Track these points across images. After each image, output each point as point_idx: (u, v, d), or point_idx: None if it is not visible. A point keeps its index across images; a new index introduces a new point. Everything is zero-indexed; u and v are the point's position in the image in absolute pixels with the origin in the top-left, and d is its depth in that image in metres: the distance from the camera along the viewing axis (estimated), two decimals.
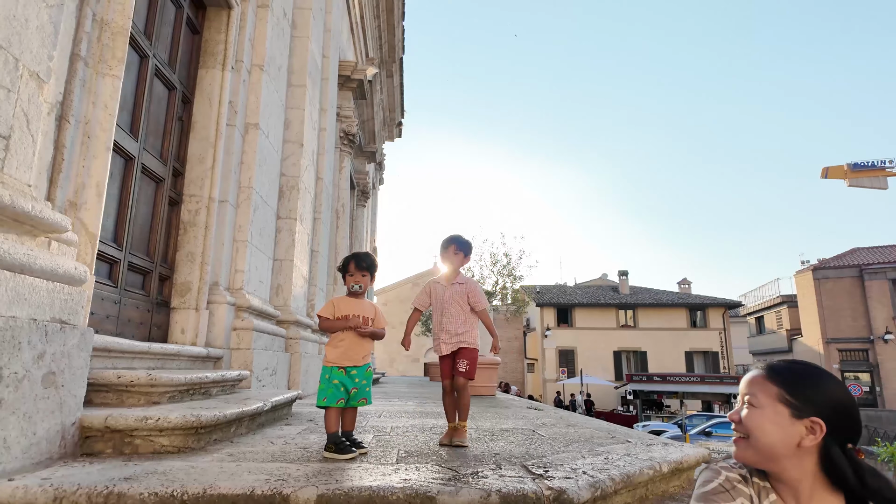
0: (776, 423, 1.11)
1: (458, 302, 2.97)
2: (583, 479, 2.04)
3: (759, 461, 1.14)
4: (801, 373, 1.14)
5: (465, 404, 2.92)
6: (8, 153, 1.97)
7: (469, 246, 3.15)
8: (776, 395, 1.12)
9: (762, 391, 1.14)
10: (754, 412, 1.14)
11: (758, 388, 1.15)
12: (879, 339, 27.31)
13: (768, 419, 1.12)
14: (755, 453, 1.13)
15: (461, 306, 2.97)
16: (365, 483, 1.89)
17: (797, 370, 1.15)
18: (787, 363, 1.18)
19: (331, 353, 2.57)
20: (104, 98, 2.81)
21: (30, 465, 1.92)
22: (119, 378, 2.60)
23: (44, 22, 2.16)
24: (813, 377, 1.13)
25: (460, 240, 3.08)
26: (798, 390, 1.11)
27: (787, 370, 1.15)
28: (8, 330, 1.81)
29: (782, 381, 1.13)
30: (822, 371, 1.15)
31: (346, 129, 9.40)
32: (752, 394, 1.15)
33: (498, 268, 11.39)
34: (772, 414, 1.12)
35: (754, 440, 1.13)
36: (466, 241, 3.13)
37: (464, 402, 2.92)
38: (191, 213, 4.21)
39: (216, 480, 1.86)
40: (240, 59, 4.75)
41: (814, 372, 1.15)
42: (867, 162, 25.74)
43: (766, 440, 1.11)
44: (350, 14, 9.83)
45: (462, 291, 3.00)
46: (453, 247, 3.04)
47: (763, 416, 1.12)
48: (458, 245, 3.05)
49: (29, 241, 2.09)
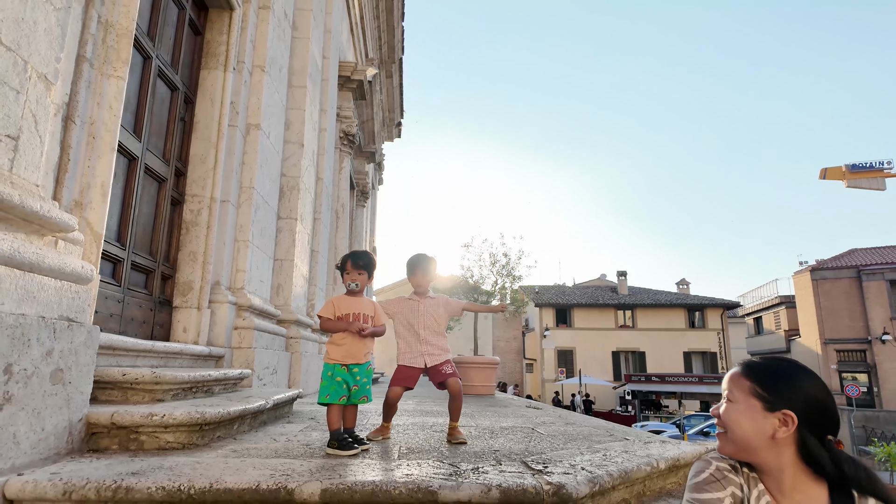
0: (749, 416, 1.17)
1: (434, 315, 3.09)
2: (581, 475, 2.08)
3: (736, 452, 1.20)
4: (775, 368, 1.20)
5: (458, 406, 2.99)
6: (17, 154, 2.00)
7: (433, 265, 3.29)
8: (749, 389, 1.19)
9: (737, 387, 1.21)
10: (731, 407, 1.21)
11: (734, 384, 1.22)
12: (877, 339, 27.42)
13: (742, 413, 1.18)
14: (733, 446, 1.20)
15: (436, 319, 3.09)
16: (368, 478, 1.93)
17: (771, 366, 1.21)
18: (764, 360, 1.24)
19: (333, 351, 2.60)
20: (109, 99, 2.85)
21: (38, 460, 1.95)
22: (124, 375, 2.63)
23: (51, 25, 2.19)
24: (786, 372, 1.19)
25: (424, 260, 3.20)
26: (770, 385, 1.17)
27: (761, 367, 1.21)
28: (18, 327, 1.84)
29: (755, 376, 1.20)
30: (797, 367, 1.20)
31: (345, 130, 9.44)
32: (730, 389, 1.22)
33: (497, 268, 11.41)
34: (745, 408, 1.18)
35: (731, 433, 1.19)
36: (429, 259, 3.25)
37: (458, 405, 2.99)
38: (193, 213, 4.24)
39: (222, 475, 1.89)
40: (241, 60, 4.78)
41: (787, 368, 1.20)
42: (865, 163, 25.82)
43: (741, 433, 1.18)
44: (350, 15, 9.87)
45: (437, 304, 3.14)
46: (419, 271, 3.15)
47: (738, 411, 1.19)
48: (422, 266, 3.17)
49: (37, 241, 2.13)
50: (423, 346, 3.02)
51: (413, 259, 3.21)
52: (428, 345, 3.03)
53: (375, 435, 2.93)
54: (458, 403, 2.98)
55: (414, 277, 3.16)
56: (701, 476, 1.20)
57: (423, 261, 3.18)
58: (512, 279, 11.46)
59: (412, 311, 3.10)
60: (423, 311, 3.09)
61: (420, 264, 3.17)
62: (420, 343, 3.03)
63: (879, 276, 28.22)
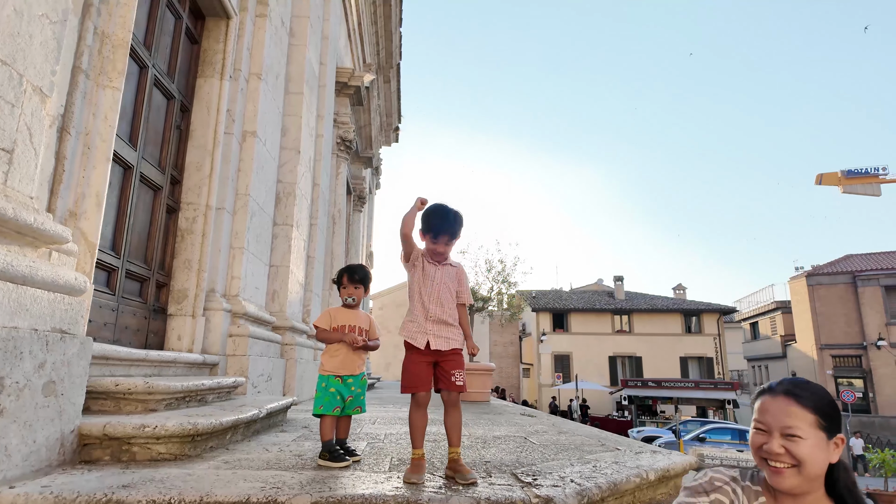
0: (822, 449, 1.17)
1: (450, 288, 2.46)
2: (570, 488, 2.10)
3: (802, 485, 1.18)
4: (822, 395, 1.21)
5: (459, 423, 2.36)
6: (11, 167, 2.01)
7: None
8: (815, 423, 1.17)
9: (803, 421, 1.17)
10: (803, 443, 1.16)
11: (798, 420, 1.18)
12: (872, 345, 27.49)
13: (817, 447, 1.16)
14: (804, 481, 1.17)
15: (451, 294, 2.46)
16: (358, 491, 1.94)
17: (818, 393, 1.21)
18: (800, 383, 1.23)
19: (328, 363, 2.63)
20: (104, 109, 2.86)
21: (30, 473, 1.96)
22: (117, 386, 2.64)
23: (47, 38, 2.21)
24: (828, 397, 1.21)
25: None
26: (828, 414, 1.18)
27: (813, 395, 1.20)
28: (10, 340, 1.85)
29: (816, 408, 1.18)
30: (823, 387, 1.23)
31: (342, 135, 9.46)
32: (794, 426, 1.17)
33: (493, 274, 11.45)
34: (816, 441, 1.17)
35: (807, 469, 1.16)
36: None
37: (458, 421, 2.36)
38: (188, 221, 4.26)
39: (212, 488, 1.91)
40: (238, 67, 4.81)
41: (825, 391, 1.22)
42: (861, 169, 25.97)
43: (818, 468, 1.17)
44: (347, 21, 9.90)
45: (454, 276, 2.50)
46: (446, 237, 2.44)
47: (813, 446, 1.16)
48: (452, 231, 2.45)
49: (31, 253, 2.14)
50: (429, 324, 2.38)
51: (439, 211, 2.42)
52: (438, 323, 2.38)
53: (409, 475, 2.18)
54: (457, 419, 2.35)
55: (436, 242, 2.42)
56: (694, 481, 1.25)
57: (455, 222, 2.43)
58: (508, 285, 11.50)
59: (428, 276, 2.43)
60: (439, 279, 2.43)
61: (451, 226, 2.42)
62: (427, 321, 2.38)
63: (875, 281, 28.32)
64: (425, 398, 2.33)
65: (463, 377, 2.37)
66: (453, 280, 2.48)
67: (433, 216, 2.42)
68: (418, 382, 2.32)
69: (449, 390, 2.34)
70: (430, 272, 2.44)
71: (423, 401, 2.33)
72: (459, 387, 2.34)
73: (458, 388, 2.34)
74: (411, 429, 2.33)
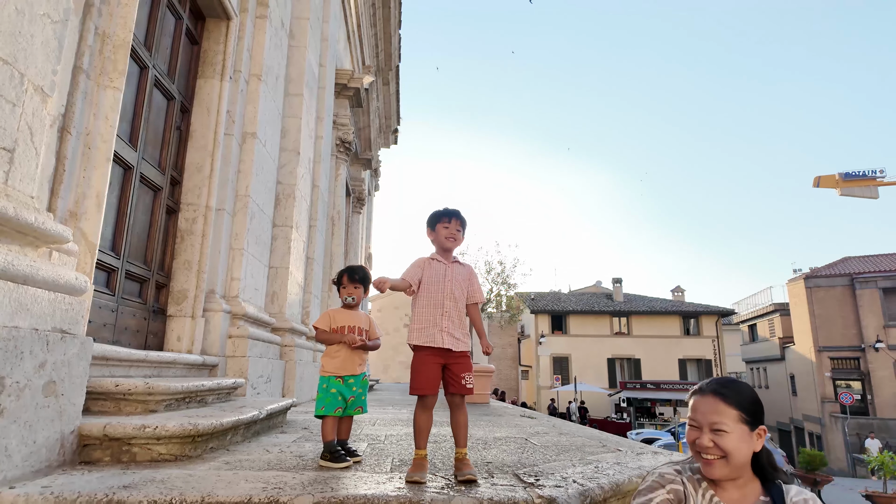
0: (746, 441, 1.32)
1: (461, 286, 2.44)
2: (572, 488, 2.09)
3: (731, 473, 1.32)
4: (744, 391, 1.37)
5: (466, 424, 2.34)
6: (12, 166, 2.01)
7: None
8: (738, 417, 1.32)
9: (727, 417, 1.32)
10: (727, 437, 1.31)
11: (722, 416, 1.33)
12: (870, 347, 27.51)
13: (740, 440, 1.31)
14: (731, 469, 1.32)
15: (463, 292, 2.44)
16: (360, 492, 1.93)
17: (741, 390, 1.37)
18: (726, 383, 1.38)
19: (328, 364, 2.62)
20: (105, 110, 2.86)
21: (30, 473, 1.95)
22: (117, 386, 2.63)
23: (49, 37, 2.20)
24: (751, 392, 1.38)
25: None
26: (750, 409, 1.34)
27: (735, 392, 1.35)
28: (11, 340, 1.84)
29: (738, 404, 1.33)
30: (745, 383, 1.40)
31: (342, 137, 9.46)
32: (719, 421, 1.32)
33: (492, 276, 11.45)
34: (740, 434, 1.32)
35: (733, 459, 1.31)
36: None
37: (465, 422, 2.34)
38: (188, 222, 4.25)
39: (214, 489, 1.90)
40: (238, 69, 4.80)
41: (748, 387, 1.39)
42: (858, 171, 26.07)
43: (742, 458, 1.32)
44: (347, 23, 9.91)
45: (465, 275, 2.49)
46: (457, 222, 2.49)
47: (736, 439, 1.31)
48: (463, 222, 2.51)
49: (31, 253, 2.13)
50: (444, 320, 2.34)
51: (440, 208, 2.53)
52: (451, 321, 2.35)
53: (412, 473, 2.16)
54: (464, 420, 2.33)
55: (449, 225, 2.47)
56: (644, 483, 1.38)
57: (460, 211, 2.50)
58: (507, 287, 11.49)
59: (438, 275, 2.42)
60: (452, 277, 2.43)
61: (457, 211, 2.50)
62: (443, 317, 2.34)
63: (872, 284, 28.36)
64: (433, 401, 2.32)
65: (472, 380, 2.37)
66: (465, 279, 2.48)
67: (437, 211, 2.55)
68: (427, 385, 2.30)
69: (460, 394, 2.33)
70: (440, 271, 2.44)
71: (431, 403, 2.32)
72: (469, 390, 2.35)
73: (468, 392, 2.35)
74: (416, 430, 2.32)
